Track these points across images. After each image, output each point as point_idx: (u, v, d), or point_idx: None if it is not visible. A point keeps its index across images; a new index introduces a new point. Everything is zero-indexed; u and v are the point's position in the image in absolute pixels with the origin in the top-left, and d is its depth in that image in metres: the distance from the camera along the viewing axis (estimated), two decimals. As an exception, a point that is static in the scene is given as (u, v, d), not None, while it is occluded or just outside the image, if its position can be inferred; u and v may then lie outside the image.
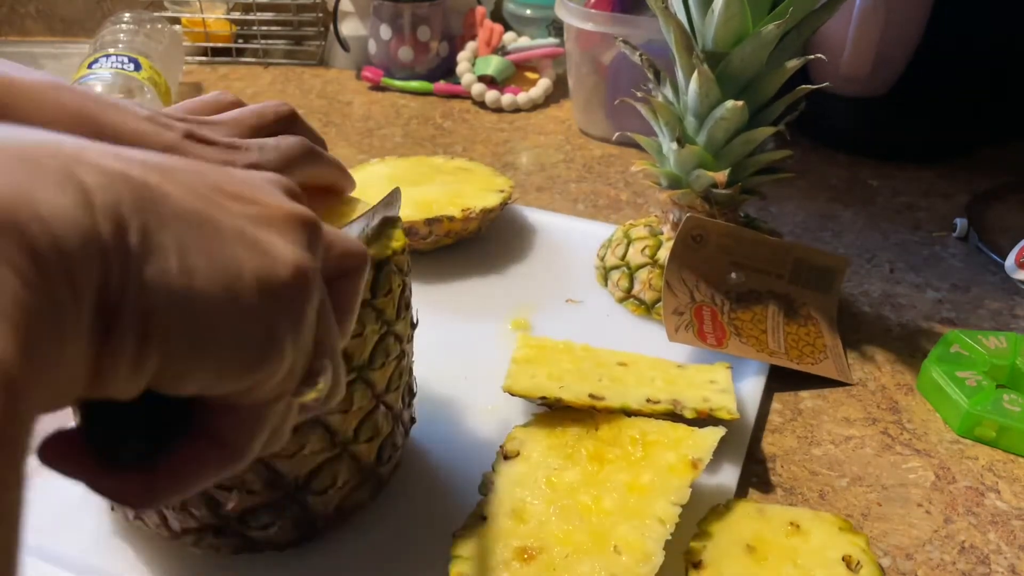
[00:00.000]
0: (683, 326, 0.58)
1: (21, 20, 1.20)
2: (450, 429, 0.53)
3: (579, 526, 0.42)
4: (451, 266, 0.69)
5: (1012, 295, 0.70)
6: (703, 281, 0.60)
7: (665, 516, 0.42)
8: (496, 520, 0.43)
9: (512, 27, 1.13)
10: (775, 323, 0.61)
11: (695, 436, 0.47)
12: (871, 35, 0.79)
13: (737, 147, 0.59)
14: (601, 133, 0.95)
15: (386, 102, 1.05)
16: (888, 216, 0.82)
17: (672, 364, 0.56)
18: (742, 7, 0.53)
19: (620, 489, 0.44)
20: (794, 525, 0.44)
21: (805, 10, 0.55)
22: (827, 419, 0.57)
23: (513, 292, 0.67)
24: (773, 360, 0.58)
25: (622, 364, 0.56)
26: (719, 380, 0.54)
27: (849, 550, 0.43)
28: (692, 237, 0.59)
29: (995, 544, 0.48)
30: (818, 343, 0.61)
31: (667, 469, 0.45)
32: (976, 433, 0.55)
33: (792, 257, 0.62)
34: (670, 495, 0.43)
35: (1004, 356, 0.58)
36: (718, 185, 0.59)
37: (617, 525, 0.42)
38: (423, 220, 0.65)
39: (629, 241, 0.66)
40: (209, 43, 1.13)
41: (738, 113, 0.56)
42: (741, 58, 0.55)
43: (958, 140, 0.92)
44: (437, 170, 0.74)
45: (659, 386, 0.53)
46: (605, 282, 0.67)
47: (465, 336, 0.61)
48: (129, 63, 0.87)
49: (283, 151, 0.37)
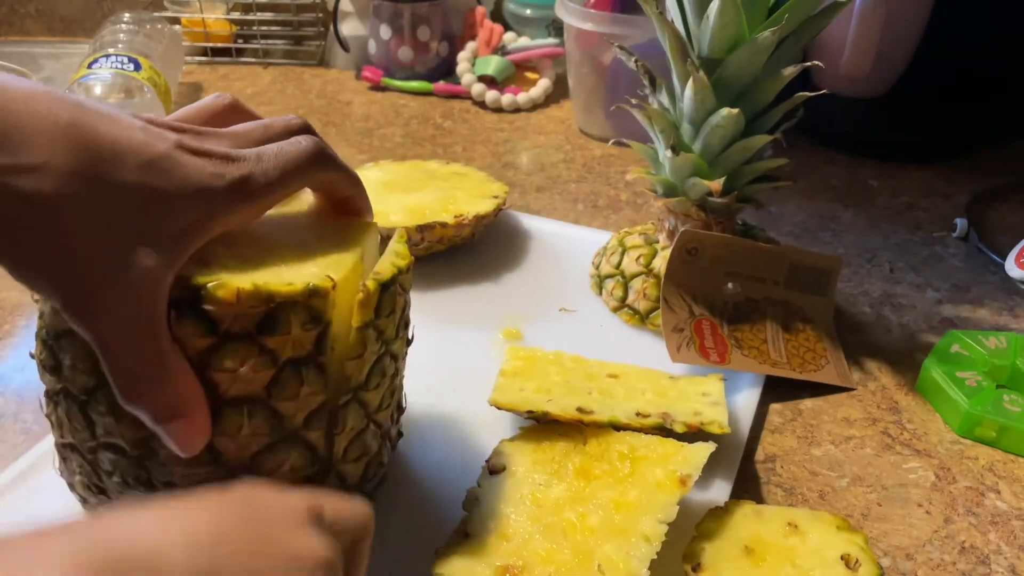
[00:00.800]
0: (685, 344, 0.57)
1: (21, 20, 1.19)
2: (438, 442, 0.52)
3: (563, 544, 0.41)
4: (443, 273, 0.68)
5: (1012, 295, 0.70)
6: (700, 294, 0.60)
7: (651, 534, 0.41)
8: (479, 537, 0.42)
9: (512, 27, 1.13)
10: (774, 331, 0.60)
11: (684, 452, 0.46)
12: (871, 35, 0.78)
13: (733, 155, 0.58)
14: (601, 133, 0.95)
15: (386, 102, 1.05)
16: (888, 216, 0.81)
17: (664, 375, 0.56)
18: (738, 13, 0.53)
19: (606, 506, 0.43)
20: (792, 525, 0.44)
21: (803, 16, 0.54)
22: (827, 419, 0.57)
23: (505, 300, 0.66)
24: (776, 371, 0.58)
25: (612, 376, 0.55)
26: (712, 392, 0.53)
27: (848, 549, 0.43)
28: (687, 251, 0.59)
29: (995, 544, 0.48)
30: (818, 347, 0.60)
31: (655, 485, 0.44)
32: (976, 433, 0.55)
33: (787, 262, 0.62)
34: (657, 512, 0.42)
35: (1004, 356, 0.58)
36: (713, 193, 0.58)
37: (602, 543, 0.41)
38: (415, 226, 0.64)
39: (624, 250, 0.65)
40: (209, 43, 1.13)
41: (733, 121, 0.55)
42: (737, 65, 0.54)
43: (958, 140, 0.91)
44: (431, 175, 0.73)
45: (649, 399, 0.52)
46: (600, 291, 0.67)
47: (456, 346, 0.61)
48: (129, 63, 0.87)
49: (284, 157, 0.36)
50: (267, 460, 0.37)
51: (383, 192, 0.69)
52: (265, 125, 0.37)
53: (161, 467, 0.37)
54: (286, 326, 0.35)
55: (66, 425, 0.38)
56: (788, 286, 0.62)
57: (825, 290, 0.63)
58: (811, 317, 0.62)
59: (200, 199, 0.33)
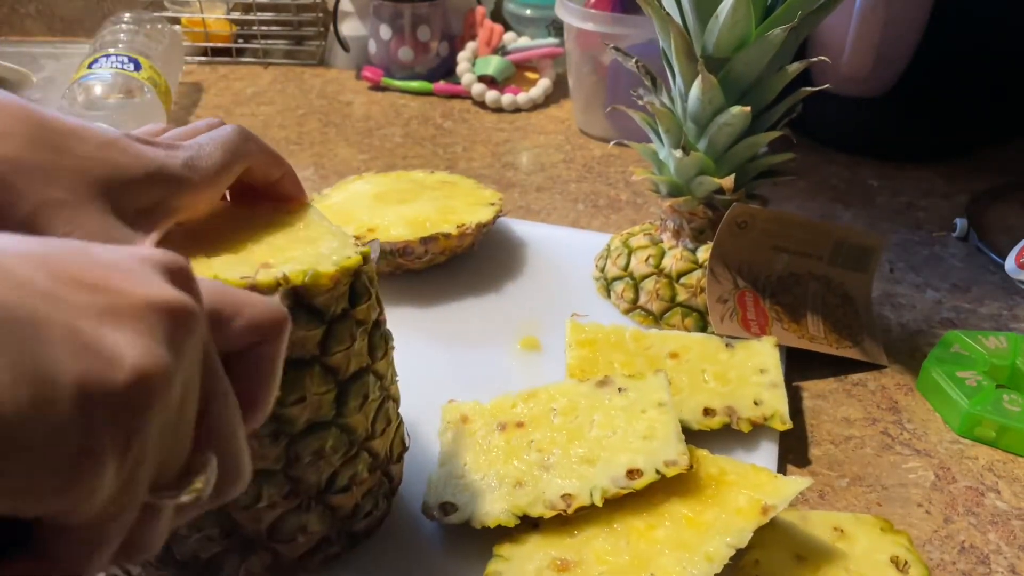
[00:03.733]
0: (728, 315, 0.58)
1: (21, 20, 1.19)
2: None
3: (624, 548, 0.41)
4: (446, 286, 0.67)
5: (1012, 295, 0.70)
6: (746, 267, 0.60)
7: (715, 555, 0.40)
8: (544, 527, 0.43)
9: (512, 27, 1.12)
10: (814, 306, 0.61)
11: (776, 483, 0.44)
12: (871, 35, 0.78)
13: (739, 152, 0.58)
14: (601, 133, 0.95)
15: (386, 102, 1.05)
16: (888, 216, 0.81)
17: (720, 345, 0.56)
18: (748, 12, 0.52)
19: (678, 521, 0.43)
20: (838, 530, 0.44)
21: (805, 11, 0.53)
22: (827, 419, 0.56)
23: (514, 310, 0.64)
24: (813, 346, 0.58)
25: (674, 355, 0.56)
26: (769, 367, 0.54)
27: (895, 551, 0.43)
28: (737, 224, 0.59)
29: (995, 544, 0.48)
30: (854, 324, 0.61)
31: (735, 510, 0.43)
32: (976, 433, 0.55)
33: (832, 238, 0.62)
34: (728, 535, 0.41)
35: (1004, 356, 0.58)
36: (723, 191, 0.58)
37: (662, 555, 0.41)
38: (418, 239, 0.62)
39: (630, 251, 0.64)
40: (209, 43, 1.12)
41: (743, 118, 0.55)
42: (744, 62, 0.54)
43: (958, 140, 0.91)
44: (421, 185, 0.71)
45: (712, 388, 0.53)
46: (607, 294, 0.66)
47: (473, 361, 0.59)
48: (129, 63, 0.87)
49: (218, 138, 0.39)
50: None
51: (377, 205, 0.67)
52: (191, 126, 0.41)
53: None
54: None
55: None
56: (831, 262, 0.62)
57: (866, 267, 0.63)
58: (851, 294, 0.63)
59: (158, 179, 0.36)
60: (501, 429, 0.48)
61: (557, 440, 0.47)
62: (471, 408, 0.50)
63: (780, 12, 0.53)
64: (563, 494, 0.44)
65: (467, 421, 0.49)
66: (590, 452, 0.46)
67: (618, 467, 0.44)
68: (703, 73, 0.54)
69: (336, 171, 0.87)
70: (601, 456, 0.45)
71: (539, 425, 0.48)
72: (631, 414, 0.47)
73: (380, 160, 0.90)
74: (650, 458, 0.45)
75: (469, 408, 0.50)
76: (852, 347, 0.60)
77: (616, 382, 0.50)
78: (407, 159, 0.90)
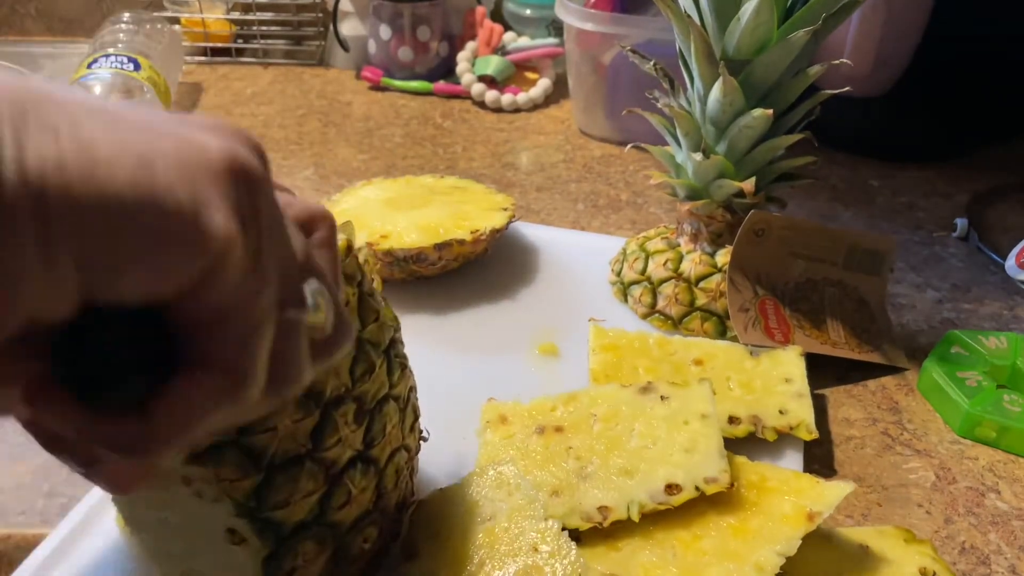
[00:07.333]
0: (751, 323, 0.57)
1: (21, 20, 1.18)
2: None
3: (670, 560, 0.40)
4: (460, 293, 0.65)
5: (1012, 295, 0.70)
6: (764, 274, 0.60)
7: (766, 565, 0.39)
8: (585, 540, 0.42)
9: (512, 27, 1.11)
10: (833, 311, 0.60)
11: (819, 488, 0.43)
12: (871, 35, 0.78)
13: (759, 155, 0.57)
14: (601, 133, 0.95)
15: (386, 102, 1.04)
16: (888, 216, 0.81)
17: (745, 354, 0.55)
18: (771, 14, 0.51)
19: (723, 531, 0.41)
20: (863, 547, 0.43)
21: (826, 12, 0.52)
22: (827, 419, 0.56)
23: (530, 316, 0.63)
24: (836, 352, 0.58)
25: (698, 362, 0.54)
26: (794, 377, 0.53)
27: (923, 562, 0.42)
28: (755, 232, 0.58)
29: (995, 544, 0.48)
30: (872, 328, 0.61)
31: (780, 518, 0.42)
32: (976, 433, 0.54)
33: (845, 243, 0.62)
34: (776, 544, 0.40)
35: (1004, 356, 0.58)
36: (744, 194, 0.57)
37: (710, 566, 0.39)
38: (432, 245, 0.60)
39: (647, 255, 0.63)
40: (209, 43, 1.11)
41: (764, 121, 0.54)
42: (765, 65, 0.53)
43: (958, 140, 0.90)
44: (431, 190, 0.70)
45: (737, 396, 0.52)
46: (625, 298, 0.64)
47: (492, 369, 0.57)
48: (128, 63, 0.87)
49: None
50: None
51: (388, 211, 0.65)
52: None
53: None
54: None
55: None
56: (846, 267, 0.62)
57: (879, 270, 0.63)
58: (865, 298, 0.62)
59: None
60: (539, 432, 0.47)
61: (596, 449, 0.45)
62: (510, 408, 0.49)
63: (802, 13, 0.51)
64: (600, 506, 0.42)
65: (505, 422, 0.48)
66: (629, 463, 0.44)
67: (657, 481, 0.43)
68: (724, 76, 0.53)
69: (336, 171, 0.87)
70: (640, 468, 0.44)
71: (578, 431, 0.46)
72: (673, 424, 0.46)
73: (380, 160, 0.89)
74: (690, 473, 0.43)
75: (508, 408, 0.49)
76: (873, 351, 0.59)
77: (659, 389, 0.48)
78: (407, 159, 0.90)
